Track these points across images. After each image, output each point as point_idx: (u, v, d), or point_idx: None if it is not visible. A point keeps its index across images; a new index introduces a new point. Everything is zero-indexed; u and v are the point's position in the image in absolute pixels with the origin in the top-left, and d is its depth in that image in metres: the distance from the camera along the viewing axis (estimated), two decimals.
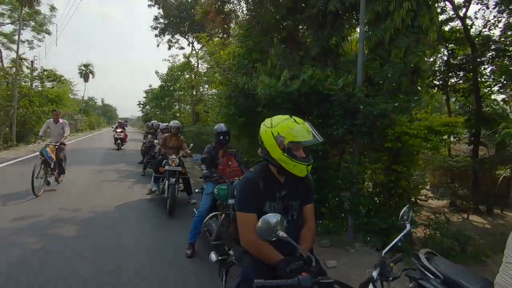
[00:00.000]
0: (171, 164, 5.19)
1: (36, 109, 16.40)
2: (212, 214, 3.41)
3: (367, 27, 5.01)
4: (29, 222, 4.32)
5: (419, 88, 4.93)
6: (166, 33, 23.03)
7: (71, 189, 6.34)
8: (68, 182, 6.60)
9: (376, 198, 4.68)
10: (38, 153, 5.96)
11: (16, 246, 3.54)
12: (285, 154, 1.45)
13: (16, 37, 17.01)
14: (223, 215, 3.38)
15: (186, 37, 22.86)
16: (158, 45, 24.02)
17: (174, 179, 5.05)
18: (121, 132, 15.30)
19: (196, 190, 4.56)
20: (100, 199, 5.70)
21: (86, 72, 40.83)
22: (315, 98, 4.83)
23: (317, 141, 1.49)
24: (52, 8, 20.43)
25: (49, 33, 20.90)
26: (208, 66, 14.96)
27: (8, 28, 20.30)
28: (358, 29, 6.15)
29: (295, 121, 1.51)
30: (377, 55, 4.91)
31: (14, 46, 18.84)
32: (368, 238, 4.41)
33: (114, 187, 6.82)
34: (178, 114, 25.11)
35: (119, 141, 15.16)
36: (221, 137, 3.81)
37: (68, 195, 5.88)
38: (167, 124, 6.71)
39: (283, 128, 1.48)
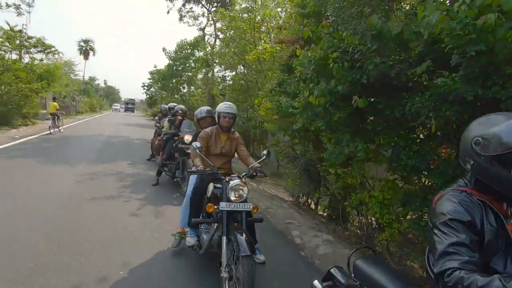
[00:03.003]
0: (231, 198, 2.38)
1: (21, 86, 13.50)
2: None
3: None
4: None
5: None
6: None
7: (20, 229, 3.58)
8: (29, 207, 3.87)
9: None
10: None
11: None
12: None
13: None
14: None
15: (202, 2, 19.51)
16: (168, 12, 20.86)
17: (244, 234, 2.22)
18: None
19: None
20: (76, 261, 2.92)
21: (86, 49, 37.57)
22: None
23: None
24: None
25: None
26: (230, 35, 11.71)
27: None
28: None
29: None
30: None
31: None
32: None
33: (109, 221, 3.79)
34: (186, 97, 22.42)
35: None
36: None
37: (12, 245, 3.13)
38: (209, 108, 3.53)
39: None
